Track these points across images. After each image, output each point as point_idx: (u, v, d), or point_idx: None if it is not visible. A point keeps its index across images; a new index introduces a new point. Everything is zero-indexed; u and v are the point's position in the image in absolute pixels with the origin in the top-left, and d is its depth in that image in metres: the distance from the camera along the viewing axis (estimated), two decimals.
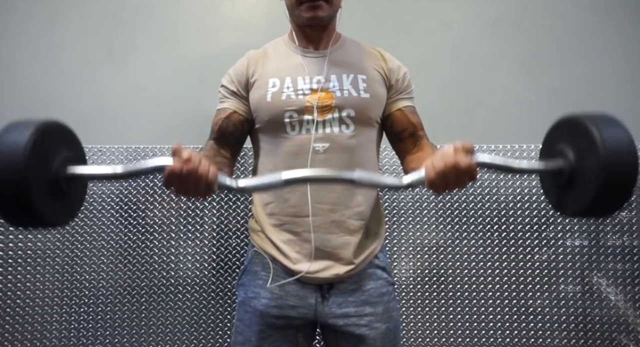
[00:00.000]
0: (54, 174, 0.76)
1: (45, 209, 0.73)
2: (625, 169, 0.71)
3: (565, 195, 0.82)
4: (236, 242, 1.66)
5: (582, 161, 0.76)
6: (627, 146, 0.72)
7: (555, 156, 0.82)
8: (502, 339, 1.67)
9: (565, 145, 0.80)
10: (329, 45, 1.06)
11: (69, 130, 0.87)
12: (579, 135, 0.77)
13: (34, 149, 0.70)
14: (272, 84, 1.01)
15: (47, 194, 0.74)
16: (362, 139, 1.02)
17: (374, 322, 1.00)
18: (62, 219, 0.81)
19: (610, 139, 0.72)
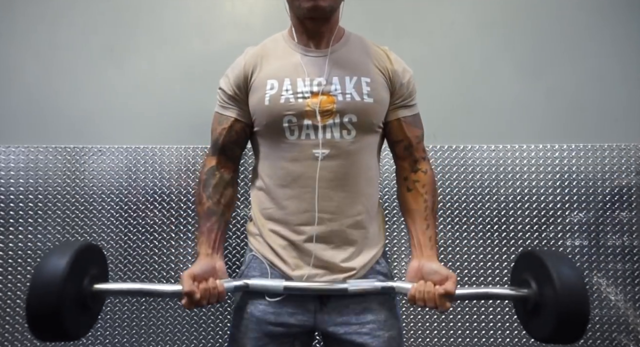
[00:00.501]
0: (83, 293, 0.87)
1: (72, 326, 0.83)
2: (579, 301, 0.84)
3: (532, 320, 0.95)
4: (236, 242, 1.66)
5: (543, 292, 0.89)
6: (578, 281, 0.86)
7: (522, 284, 0.95)
8: (502, 339, 1.67)
9: (529, 275, 0.94)
10: (331, 42, 0.99)
11: (99, 249, 0.98)
12: (539, 269, 0.91)
13: (69, 273, 0.81)
14: (270, 86, 0.96)
15: (75, 311, 0.85)
16: (363, 144, 0.98)
17: (376, 330, 0.97)
18: (82, 332, 0.91)
19: (564, 274, 0.85)
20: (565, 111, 1.76)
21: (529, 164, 1.69)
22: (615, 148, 1.68)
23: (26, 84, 1.70)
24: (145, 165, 1.67)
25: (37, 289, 0.79)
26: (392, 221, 1.68)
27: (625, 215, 1.67)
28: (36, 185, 1.63)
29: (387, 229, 1.68)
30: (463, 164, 1.69)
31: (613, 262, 1.67)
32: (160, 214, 1.66)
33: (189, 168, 1.67)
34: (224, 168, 1.05)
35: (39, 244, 1.62)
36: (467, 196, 1.68)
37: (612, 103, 1.75)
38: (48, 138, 1.66)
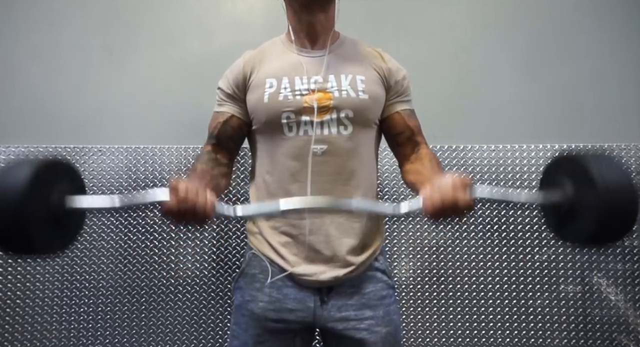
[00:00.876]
0: (54, 209, 0.79)
1: (43, 241, 0.77)
2: (624, 206, 0.75)
3: (564, 225, 0.86)
4: (236, 242, 1.66)
5: (581, 197, 0.80)
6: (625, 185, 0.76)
7: (554, 188, 0.86)
8: (502, 339, 1.67)
9: (564, 179, 0.84)
10: (327, 43, 1.04)
11: (68, 163, 0.90)
12: (578, 172, 0.80)
13: (33, 185, 0.74)
14: (269, 84, 0.99)
15: (45, 227, 0.78)
16: (360, 140, 1.00)
17: (374, 326, 0.99)
18: (60, 248, 0.85)
19: (609, 179, 0.75)
20: (564, 111, 1.76)
21: (529, 164, 1.69)
22: (615, 148, 1.68)
23: (26, 84, 1.70)
24: (145, 166, 1.67)
25: None
26: (392, 221, 1.68)
27: None
28: None
29: (387, 229, 1.68)
30: (463, 164, 1.69)
31: (613, 262, 1.67)
32: (160, 214, 1.66)
33: (189, 168, 1.66)
34: (220, 154, 1.06)
35: None
36: None
37: (611, 103, 1.75)
38: (48, 138, 1.66)
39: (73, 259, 1.63)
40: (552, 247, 1.67)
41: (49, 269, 1.62)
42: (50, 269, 1.62)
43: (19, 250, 0.77)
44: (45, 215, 0.78)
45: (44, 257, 0.81)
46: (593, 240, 0.81)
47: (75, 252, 1.63)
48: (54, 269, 1.62)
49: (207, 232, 1.66)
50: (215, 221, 0.84)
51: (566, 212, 0.83)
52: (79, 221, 0.92)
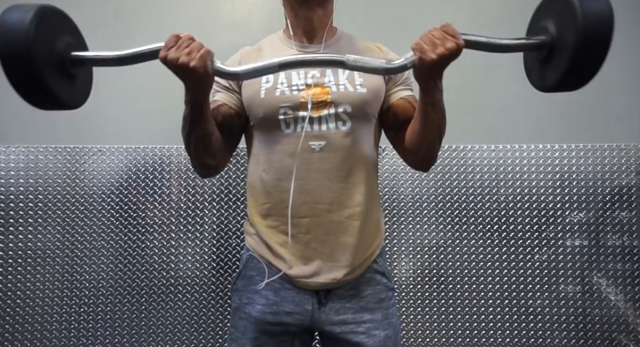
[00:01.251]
0: (59, 56, 0.80)
1: (55, 85, 0.78)
2: (599, 34, 0.74)
3: (545, 70, 0.84)
4: (236, 242, 1.66)
5: (562, 33, 0.78)
6: (604, 15, 0.74)
7: (539, 33, 0.84)
8: (502, 339, 1.67)
9: (548, 21, 0.82)
10: (325, 38, 1.02)
11: (70, 18, 0.92)
12: (561, 9, 0.78)
13: (38, 28, 0.73)
14: (266, 79, 0.98)
15: (56, 73, 0.79)
16: (359, 135, 0.98)
17: (373, 330, 0.97)
18: (75, 100, 0.87)
19: (588, 9, 0.73)
20: (565, 111, 1.76)
21: (529, 164, 1.69)
22: (615, 148, 1.68)
23: None
24: (145, 166, 1.67)
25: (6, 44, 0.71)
26: (392, 221, 1.68)
27: (625, 215, 1.67)
28: (36, 185, 1.63)
29: (387, 229, 1.68)
30: (463, 164, 1.69)
31: (613, 262, 1.67)
32: (160, 214, 1.66)
33: (189, 168, 1.67)
34: None
35: (39, 244, 1.62)
36: (467, 196, 1.68)
37: (612, 103, 1.75)
38: (48, 138, 1.66)
39: (73, 259, 1.63)
40: (552, 247, 1.67)
41: (49, 269, 1.62)
42: (50, 269, 1.62)
43: (32, 93, 0.79)
44: (54, 63, 0.79)
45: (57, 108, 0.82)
46: (568, 77, 0.79)
47: (76, 252, 1.63)
48: (54, 269, 1.62)
49: (207, 232, 1.67)
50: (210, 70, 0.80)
51: (546, 55, 0.82)
52: (87, 76, 0.94)
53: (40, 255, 1.62)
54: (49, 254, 1.62)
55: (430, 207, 1.68)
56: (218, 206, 1.67)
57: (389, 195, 1.69)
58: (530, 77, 0.91)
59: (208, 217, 1.67)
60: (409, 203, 1.68)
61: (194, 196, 1.67)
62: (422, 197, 1.69)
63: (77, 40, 0.92)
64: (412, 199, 1.69)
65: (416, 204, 1.69)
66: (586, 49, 0.74)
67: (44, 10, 0.77)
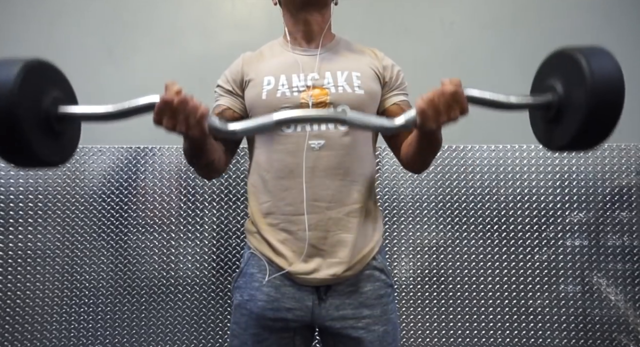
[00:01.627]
0: (45, 113, 0.75)
1: (39, 145, 0.72)
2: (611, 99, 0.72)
3: (553, 129, 0.81)
4: (236, 242, 1.66)
5: (570, 93, 0.75)
6: (614, 77, 0.72)
7: (545, 91, 0.81)
8: (502, 339, 1.67)
9: (554, 79, 0.80)
10: (323, 43, 1.06)
11: (58, 70, 0.85)
12: (568, 68, 0.76)
13: (23, 85, 0.68)
14: (267, 82, 1.01)
15: (40, 132, 0.73)
16: (357, 135, 1.02)
17: (372, 325, 0.99)
18: (59, 158, 0.81)
19: (597, 70, 0.72)
20: None
21: (529, 164, 1.69)
22: (615, 148, 1.68)
23: None
24: (145, 166, 1.67)
25: None
26: (392, 221, 1.68)
27: (625, 215, 1.67)
28: (36, 185, 1.63)
29: (387, 229, 1.68)
30: (463, 164, 1.69)
31: (613, 262, 1.67)
32: (160, 214, 1.66)
33: (189, 168, 1.67)
34: None
35: (39, 244, 1.62)
36: (467, 196, 1.68)
37: None
38: None
39: (73, 259, 1.63)
40: (552, 247, 1.67)
41: (49, 269, 1.62)
42: (50, 269, 1.62)
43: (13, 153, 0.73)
44: (38, 121, 0.73)
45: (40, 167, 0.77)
46: (578, 141, 0.76)
47: (76, 252, 1.63)
48: (54, 269, 1.62)
49: (207, 232, 1.67)
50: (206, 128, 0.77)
51: (554, 115, 0.79)
52: (74, 132, 0.87)
53: (40, 255, 1.62)
54: (49, 254, 1.62)
55: (430, 207, 1.68)
56: (218, 206, 1.67)
57: (389, 195, 1.69)
58: (536, 134, 0.89)
59: (208, 217, 1.67)
60: (409, 203, 1.68)
61: (194, 196, 1.67)
62: (422, 197, 1.69)
63: (65, 93, 0.85)
64: (412, 199, 1.69)
65: (416, 204, 1.69)
66: (597, 113, 0.71)
67: (30, 65, 0.71)
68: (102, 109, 0.83)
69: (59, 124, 0.78)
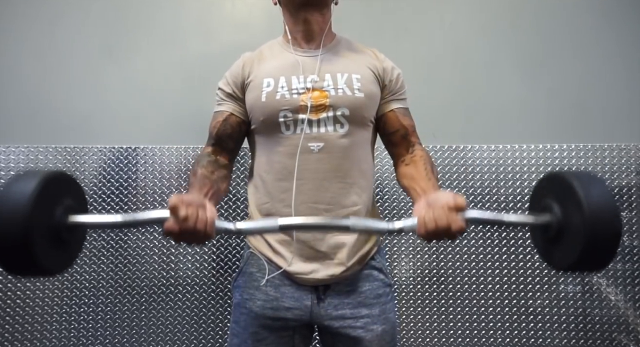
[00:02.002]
0: (56, 224, 0.77)
1: (46, 259, 0.74)
2: (609, 229, 0.75)
3: (553, 248, 0.85)
4: (236, 241, 1.66)
5: (568, 219, 0.80)
6: (610, 207, 0.76)
7: (543, 210, 0.86)
8: (502, 339, 1.67)
9: (552, 201, 0.84)
10: (323, 43, 1.05)
11: (72, 179, 0.88)
12: (565, 193, 0.80)
13: (38, 200, 0.71)
14: (267, 83, 1.01)
15: (48, 244, 0.75)
16: (356, 138, 1.02)
17: (370, 324, 1.00)
18: (60, 268, 0.82)
19: (594, 199, 0.76)
20: (565, 111, 1.76)
21: (529, 164, 1.69)
22: (615, 148, 1.68)
23: (26, 84, 1.70)
24: (145, 166, 1.67)
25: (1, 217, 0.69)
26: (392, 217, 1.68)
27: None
28: None
29: None
30: (463, 164, 1.69)
31: (613, 262, 1.66)
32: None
33: (189, 168, 1.67)
34: (220, 155, 1.07)
35: None
36: (467, 196, 1.68)
37: (612, 103, 1.75)
38: (47, 138, 1.66)
39: None
40: None
41: None
42: None
43: (22, 270, 0.76)
44: (49, 232, 0.76)
45: (44, 277, 0.78)
46: (578, 266, 0.80)
47: None
48: None
49: None
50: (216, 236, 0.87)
51: (554, 236, 0.83)
52: (81, 238, 0.90)
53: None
54: None
55: None
56: (218, 206, 1.67)
57: (389, 195, 1.69)
58: (538, 250, 0.93)
59: None
60: (409, 203, 1.68)
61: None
62: None
63: (77, 202, 0.87)
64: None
65: None
66: (596, 243, 0.75)
67: (47, 179, 0.74)
68: (111, 219, 0.84)
69: (67, 233, 0.80)
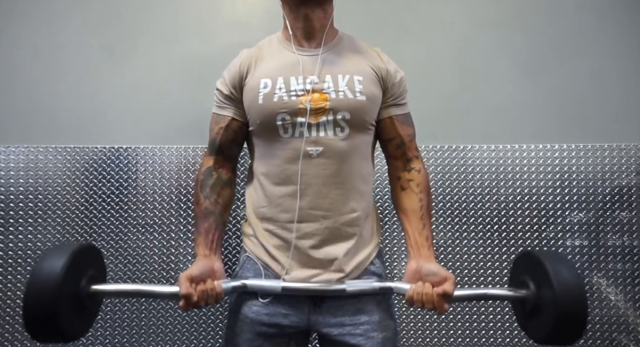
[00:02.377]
0: (79, 294, 0.86)
1: (69, 327, 0.83)
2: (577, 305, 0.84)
3: (530, 321, 0.94)
4: (235, 242, 1.66)
5: (541, 293, 0.89)
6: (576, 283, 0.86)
7: (521, 285, 0.95)
8: (502, 339, 1.67)
9: (528, 277, 0.94)
10: (325, 41, 1.01)
11: (96, 250, 0.99)
12: (538, 271, 0.90)
13: (66, 274, 0.81)
14: (264, 84, 0.97)
15: (72, 312, 0.84)
16: (356, 142, 0.98)
17: (370, 332, 0.96)
18: (80, 333, 0.90)
19: (562, 276, 0.85)
20: (565, 111, 1.76)
21: (529, 164, 1.69)
22: (615, 148, 1.68)
23: (26, 83, 1.70)
24: (145, 165, 1.67)
25: (35, 290, 0.79)
26: (392, 221, 1.68)
27: (625, 215, 1.67)
28: (36, 185, 1.63)
29: (387, 229, 1.68)
30: (463, 164, 1.69)
31: (613, 262, 1.67)
32: (159, 214, 1.66)
33: (189, 168, 1.67)
34: (222, 168, 1.06)
35: (39, 244, 1.62)
36: (467, 196, 1.68)
37: (612, 103, 1.75)
38: (48, 138, 1.66)
39: None
40: (552, 247, 1.67)
41: None
42: None
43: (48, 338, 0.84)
44: (74, 302, 0.84)
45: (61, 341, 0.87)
46: (551, 339, 0.88)
47: None
48: None
49: None
50: None
51: (530, 310, 0.92)
52: (97, 305, 0.98)
53: (40, 255, 1.62)
54: None
55: None
56: None
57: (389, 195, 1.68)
58: (519, 324, 1.01)
59: None
60: None
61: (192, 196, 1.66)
62: None
63: (99, 271, 0.97)
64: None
65: None
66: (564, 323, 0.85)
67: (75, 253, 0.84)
68: (129, 288, 0.99)
69: (88, 300, 0.89)
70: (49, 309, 0.78)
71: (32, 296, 0.79)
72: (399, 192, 1.07)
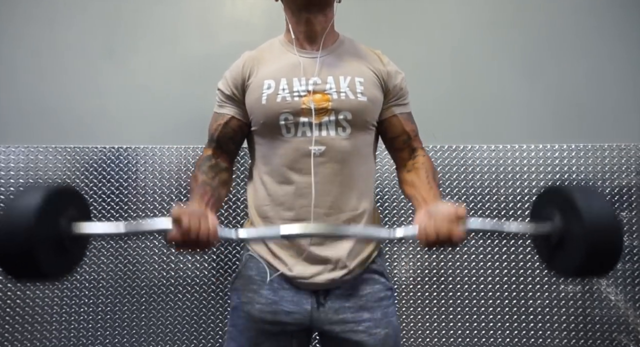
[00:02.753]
0: (60, 235, 0.81)
1: (49, 267, 0.78)
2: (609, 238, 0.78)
3: (555, 255, 0.89)
4: (236, 242, 1.66)
5: (569, 227, 0.83)
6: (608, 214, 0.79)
7: (544, 219, 0.89)
8: (502, 339, 1.67)
9: (553, 212, 0.87)
10: (326, 44, 1.03)
11: (75, 190, 0.94)
12: (566, 204, 0.84)
13: (42, 212, 0.76)
14: (267, 85, 0.99)
15: (52, 252, 0.79)
16: (358, 142, 1.00)
17: (372, 328, 0.98)
18: (62, 274, 0.86)
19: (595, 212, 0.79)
20: (565, 111, 1.76)
21: (528, 164, 1.69)
22: (615, 148, 1.68)
23: (26, 84, 1.70)
24: (145, 166, 1.67)
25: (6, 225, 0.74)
26: (392, 221, 1.68)
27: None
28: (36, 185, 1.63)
29: None
30: (463, 164, 1.69)
31: None
32: (160, 214, 1.66)
33: (189, 168, 1.67)
34: (220, 158, 1.07)
35: None
36: (467, 196, 1.68)
37: (612, 103, 1.75)
38: (48, 138, 1.66)
39: None
40: None
41: None
42: None
43: (24, 275, 0.80)
44: (53, 241, 0.79)
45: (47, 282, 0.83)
46: (582, 271, 0.83)
47: None
48: None
49: None
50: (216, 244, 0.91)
51: (556, 243, 0.86)
52: (83, 246, 0.94)
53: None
54: None
55: None
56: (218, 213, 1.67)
57: (389, 195, 1.69)
58: (541, 257, 0.96)
59: None
60: (409, 203, 1.68)
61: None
62: None
63: (81, 211, 0.91)
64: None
65: None
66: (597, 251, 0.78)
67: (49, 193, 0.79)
68: (114, 229, 0.87)
69: (71, 242, 0.84)
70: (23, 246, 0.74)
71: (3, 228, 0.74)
72: (405, 173, 1.07)
